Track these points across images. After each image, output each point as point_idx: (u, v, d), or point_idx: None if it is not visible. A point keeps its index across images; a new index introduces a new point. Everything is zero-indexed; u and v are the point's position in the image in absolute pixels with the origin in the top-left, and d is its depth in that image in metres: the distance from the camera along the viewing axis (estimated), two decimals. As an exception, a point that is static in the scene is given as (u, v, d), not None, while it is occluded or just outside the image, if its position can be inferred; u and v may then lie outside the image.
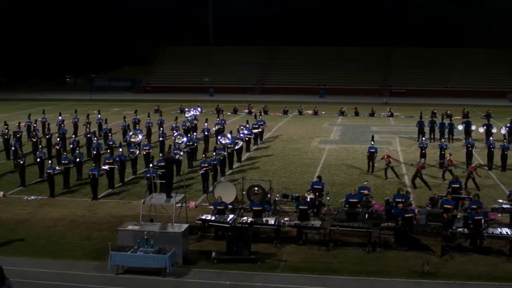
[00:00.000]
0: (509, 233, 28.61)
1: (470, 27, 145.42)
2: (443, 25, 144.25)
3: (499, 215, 33.50)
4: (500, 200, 34.93)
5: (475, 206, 30.56)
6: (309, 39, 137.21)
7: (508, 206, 33.40)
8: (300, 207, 31.43)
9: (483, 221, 29.78)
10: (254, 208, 31.84)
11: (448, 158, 43.76)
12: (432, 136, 60.25)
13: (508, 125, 60.62)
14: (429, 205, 33.43)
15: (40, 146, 48.43)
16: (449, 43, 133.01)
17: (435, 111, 75.12)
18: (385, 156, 44.00)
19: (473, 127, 61.30)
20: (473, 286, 24.99)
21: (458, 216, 31.59)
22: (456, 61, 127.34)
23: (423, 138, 50.29)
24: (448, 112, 71.93)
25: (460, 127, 60.97)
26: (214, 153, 43.35)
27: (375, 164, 46.29)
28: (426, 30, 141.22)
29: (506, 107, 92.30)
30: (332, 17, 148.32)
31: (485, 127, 59.54)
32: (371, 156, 46.30)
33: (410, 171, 45.89)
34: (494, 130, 59.32)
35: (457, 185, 35.87)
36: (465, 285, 25.00)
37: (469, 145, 48.02)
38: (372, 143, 47.52)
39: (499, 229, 29.42)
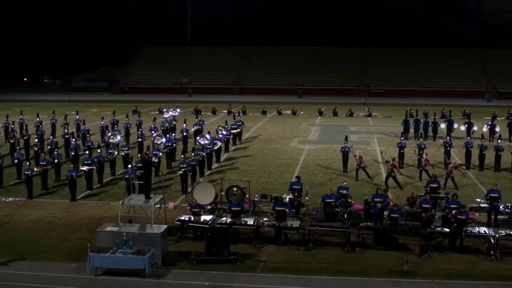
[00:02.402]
0: (487, 232, 28.82)
1: (446, 28, 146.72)
2: (420, 26, 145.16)
3: (477, 214, 33.76)
4: (478, 200, 35.15)
5: (455, 206, 30.68)
6: (287, 39, 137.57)
7: (486, 205, 33.65)
8: (277, 208, 31.40)
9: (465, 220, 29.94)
10: (233, 208, 31.82)
11: (425, 158, 43.93)
12: (416, 135, 60.78)
13: (489, 123, 61.60)
14: (407, 204, 33.57)
15: (17, 147, 48.19)
16: (426, 43, 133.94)
17: (413, 111, 75.50)
18: (358, 156, 43.96)
19: (455, 125, 62.20)
20: (451, 284, 25.11)
21: (436, 215, 31.78)
22: (433, 61, 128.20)
23: (401, 138, 50.48)
24: (425, 111, 72.18)
25: (443, 126, 61.87)
26: (193, 154, 43.29)
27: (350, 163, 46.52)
28: (403, 31, 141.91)
29: (484, 107, 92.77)
30: (310, 18, 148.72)
31: (466, 125, 60.36)
32: (345, 155, 46.51)
33: (386, 171, 46.14)
34: (475, 128, 60.22)
35: (435, 185, 36.03)
36: (444, 284, 25.13)
37: (447, 145, 48.24)
38: (345, 142, 47.55)
39: (477, 228, 29.59)
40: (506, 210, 33.47)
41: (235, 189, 35.37)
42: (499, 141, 49.51)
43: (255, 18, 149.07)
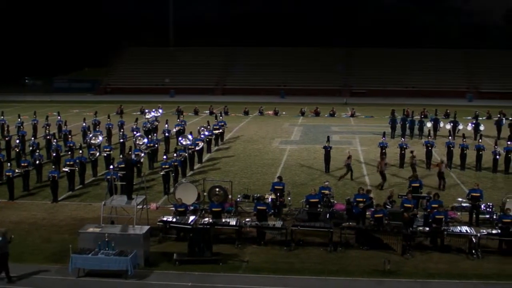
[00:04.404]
0: (469, 231, 29.02)
1: (429, 28, 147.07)
2: (403, 26, 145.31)
3: (458, 213, 33.96)
4: (460, 199, 35.35)
5: (436, 205, 30.83)
6: (270, 40, 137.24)
7: (468, 205, 33.84)
8: (258, 207, 31.47)
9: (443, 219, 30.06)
10: (213, 209, 31.83)
11: (414, 154, 44.20)
12: (404, 133, 61.17)
13: (474, 122, 62.37)
14: (389, 203, 33.66)
15: (-2, 148, 48.00)
16: (409, 43, 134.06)
17: (396, 112, 75.73)
18: (348, 156, 44.27)
19: (441, 124, 63.04)
20: (433, 283, 25.26)
21: (418, 215, 31.92)
22: (415, 61, 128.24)
23: (383, 138, 50.58)
24: (408, 110, 72.38)
25: (429, 124, 62.59)
26: (175, 154, 43.23)
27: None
28: (386, 31, 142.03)
29: (466, 107, 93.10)
30: (292, 18, 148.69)
31: (451, 124, 61.08)
32: (328, 155, 46.65)
33: (370, 171, 46.24)
34: (460, 127, 60.93)
35: (417, 184, 36.23)
36: (426, 283, 25.28)
37: (428, 145, 48.47)
38: (328, 143, 47.56)
39: (458, 227, 29.79)
40: (488, 209, 33.73)
41: (217, 189, 35.44)
42: (480, 140, 49.92)
43: (237, 18, 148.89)
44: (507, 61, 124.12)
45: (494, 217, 32.89)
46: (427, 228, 29.75)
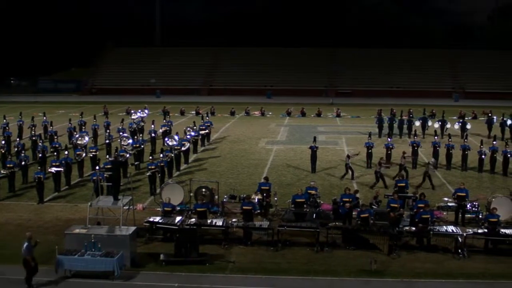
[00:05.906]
0: (455, 231, 29.11)
1: (414, 28, 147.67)
2: (388, 26, 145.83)
3: (444, 213, 34.07)
4: (446, 199, 35.45)
5: (422, 205, 30.91)
6: (256, 40, 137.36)
7: (453, 204, 33.94)
8: (244, 207, 31.43)
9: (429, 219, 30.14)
10: (198, 209, 31.75)
11: (406, 155, 44.44)
12: (391, 133, 61.49)
13: (460, 121, 62.95)
14: (375, 203, 33.71)
15: (-17, 150, 47.74)
16: (394, 44, 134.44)
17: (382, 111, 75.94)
18: (347, 155, 44.72)
19: (429, 123, 63.64)
20: (419, 283, 25.32)
21: (404, 214, 31.99)
22: (401, 61, 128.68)
23: (369, 138, 50.58)
24: (394, 110, 72.63)
25: (417, 123, 63.23)
26: (161, 155, 43.16)
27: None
28: (371, 31, 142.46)
29: (452, 107, 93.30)
30: (278, 18, 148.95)
31: (439, 123, 61.85)
32: (314, 155, 46.73)
33: (357, 171, 46.28)
34: (448, 126, 61.53)
35: (403, 184, 36.33)
36: (412, 283, 25.34)
37: (414, 145, 48.64)
38: (314, 143, 47.61)
39: (444, 227, 29.89)
40: (473, 209, 33.85)
41: (203, 190, 35.43)
42: (465, 140, 50.14)
43: (224, 19, 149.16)
44: (492, 61, 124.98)
45: (480, 216, 33.08)
46: (413, 228, 29.85)
